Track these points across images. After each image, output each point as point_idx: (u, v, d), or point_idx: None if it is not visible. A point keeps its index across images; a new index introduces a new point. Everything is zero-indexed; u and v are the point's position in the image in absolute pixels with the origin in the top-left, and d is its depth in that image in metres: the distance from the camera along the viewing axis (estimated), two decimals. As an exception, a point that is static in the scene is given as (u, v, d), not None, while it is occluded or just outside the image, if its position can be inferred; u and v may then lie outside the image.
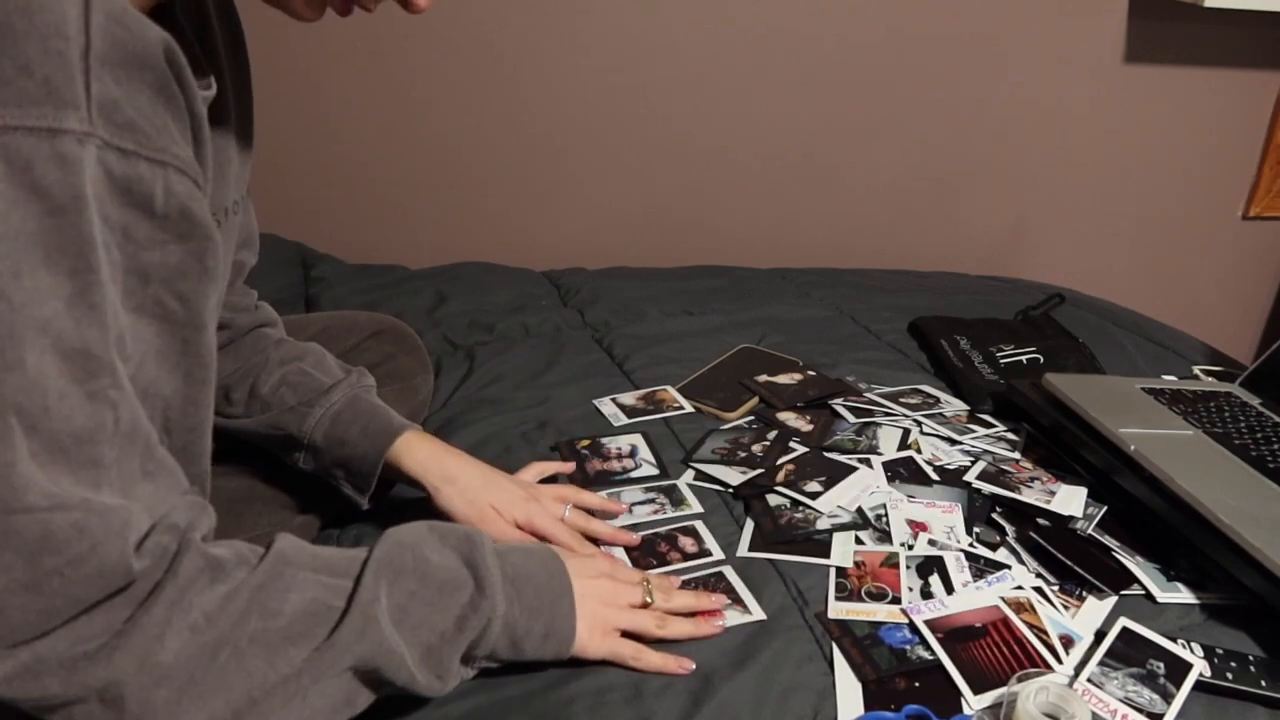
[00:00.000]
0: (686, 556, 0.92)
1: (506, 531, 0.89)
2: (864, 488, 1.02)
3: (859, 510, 0.99)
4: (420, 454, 0.91)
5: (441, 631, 0.68)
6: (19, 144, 0.48)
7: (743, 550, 0.94)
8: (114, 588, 0.55)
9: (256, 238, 0.95)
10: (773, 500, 1.01)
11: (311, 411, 0.92)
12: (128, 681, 0.55)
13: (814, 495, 1.01)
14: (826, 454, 1.09)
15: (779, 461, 1.07)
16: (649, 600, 0.81)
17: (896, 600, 0.87)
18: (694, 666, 0.78)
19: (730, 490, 1.03)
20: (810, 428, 1.15)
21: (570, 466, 1.05)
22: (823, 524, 0.97)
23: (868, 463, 1.07)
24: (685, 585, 0.88)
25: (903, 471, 1.06)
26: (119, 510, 0.55)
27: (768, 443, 1.11)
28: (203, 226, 0.62)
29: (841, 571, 0.91)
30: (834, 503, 1.00)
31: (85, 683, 0.54)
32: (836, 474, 1.05)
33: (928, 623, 0.83)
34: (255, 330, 0.98)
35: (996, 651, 0.81)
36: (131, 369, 0.59)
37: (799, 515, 0.98)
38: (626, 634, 0.79)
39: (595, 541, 0.93)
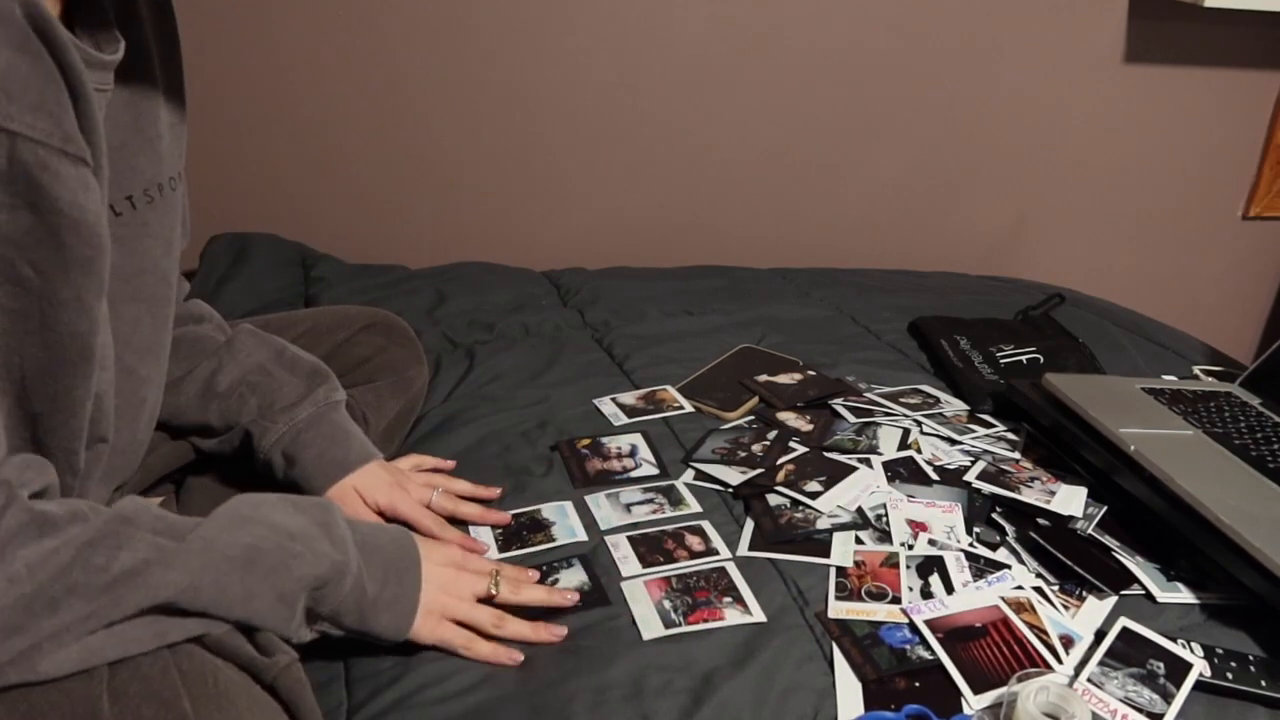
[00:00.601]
0: (693, 555, 0.92)
1: (364, 514, 0.90)
2: (864, 488, 1.02)
3: (859, 510, 0.99)
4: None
5: (295, 576, 0.69)
6: None
7: (743, 550, 0.94)
8: None
9: (188, 219, 0.92)
10: (773, 500, 1.01)
11: (274, 426, 0.92)
12: None
13: (814, 495, 1.01)
14: (826, 454, 1.09)
15: (779, 461, 1.07)
16: (494, 592, 0.81)
17: (896, 600, 0.87)
18: (521, 658, 0.78)
19: (730, 490, 1.03)
20: (810, 428, 1.15)
21: (451, 464, 1.04)
22: (823, 524, 0.97)
23: (868, 463, 1.07)
24: (684, 581, 0.88)
25: (903, 471, 1.06)
26: None
27: (768, 443, 1.11)
28: (53, 200, 0.60)
29: (841, 571, 0.91)
30: (834, 503, 1.00)
31: None
32: (836, 474, 1.05)
33: (928, 623, 0.83)
34: (185, 329, 0.96)
35: (996, 651, 0.81)
36: None
37: (799, 515, 0.98)
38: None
39: (463, 527, 0.94)
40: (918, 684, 0.78)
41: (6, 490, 0.60)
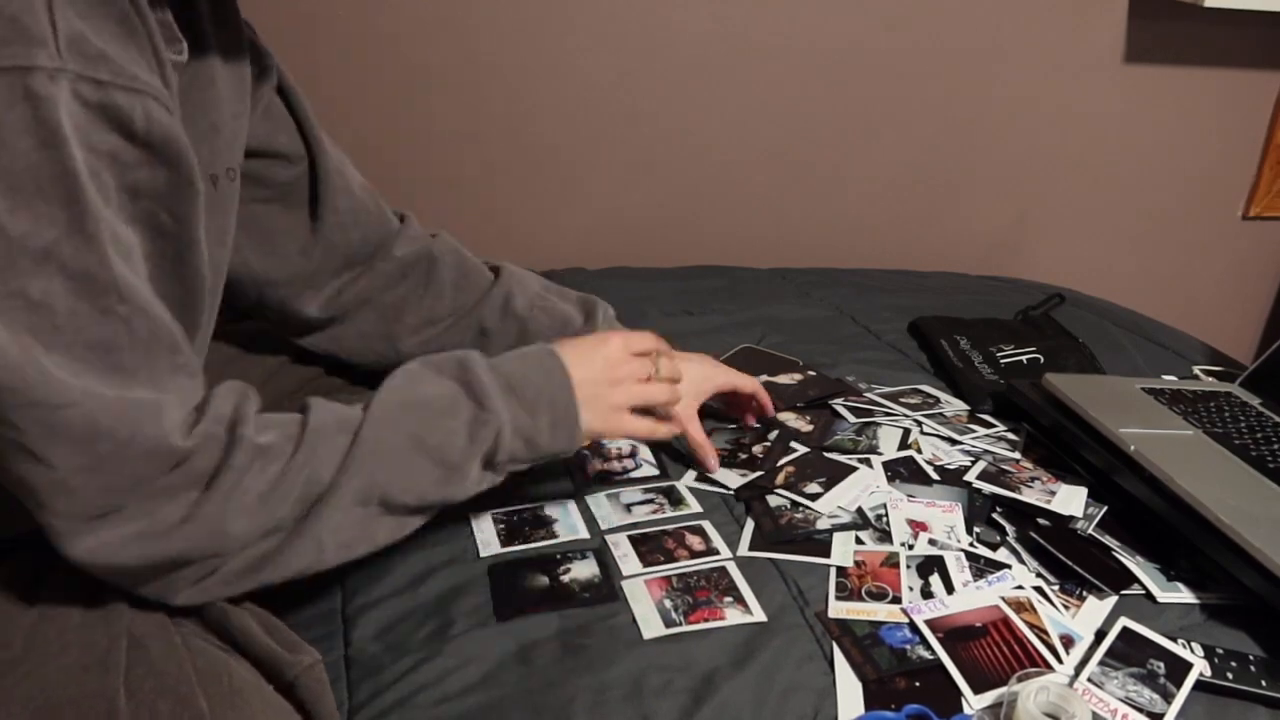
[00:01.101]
0: (694, 554, 0.92)
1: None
2: (864, 488, 1.02)
3: (859, 510, 0.99)
4: None
5: (459, 448, 0.75)
6: None
7: (743, 550, 0.94)
8: (166, 465, 0.62)
9: (349, 173, 1.02)
10: (773, 501, 1.01)
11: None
12: (195, 552, 0.64)
13: (814, 496, 1.01)
14: (826, 454, 1.09)
15: (779, 463, 1.07)
16: (655, 372, 0.87)
17: (897, 600, 0.87)
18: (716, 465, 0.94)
19: (732, 493, 1.03)
20: (810, 428, 1.15)
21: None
22: (823, 524, 0.97)
23: (868, 463, 1.07)
24: (684, 580, 0.88)
25: (903, 471, 1.06)
26: (153, 401, 0.61)
27: (768, 444, 1.11)
28: (185, 152, 0.64)
29: (842, 571, 0.91)
30: (834, 503, 1.00)
31: (162, 554, 0.63)
32: (836, 474, 1.05)
33: (928, 622, 0.84)
34: (438, 260, 1.04)
35: (997, 651, 0.81)
36: (141, 278, 0.63)
37: (799, 515, 0.98)
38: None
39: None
40: (918, 684, 0.78)
41: (230, 427, 0.66)
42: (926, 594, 0.88)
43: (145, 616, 0.66)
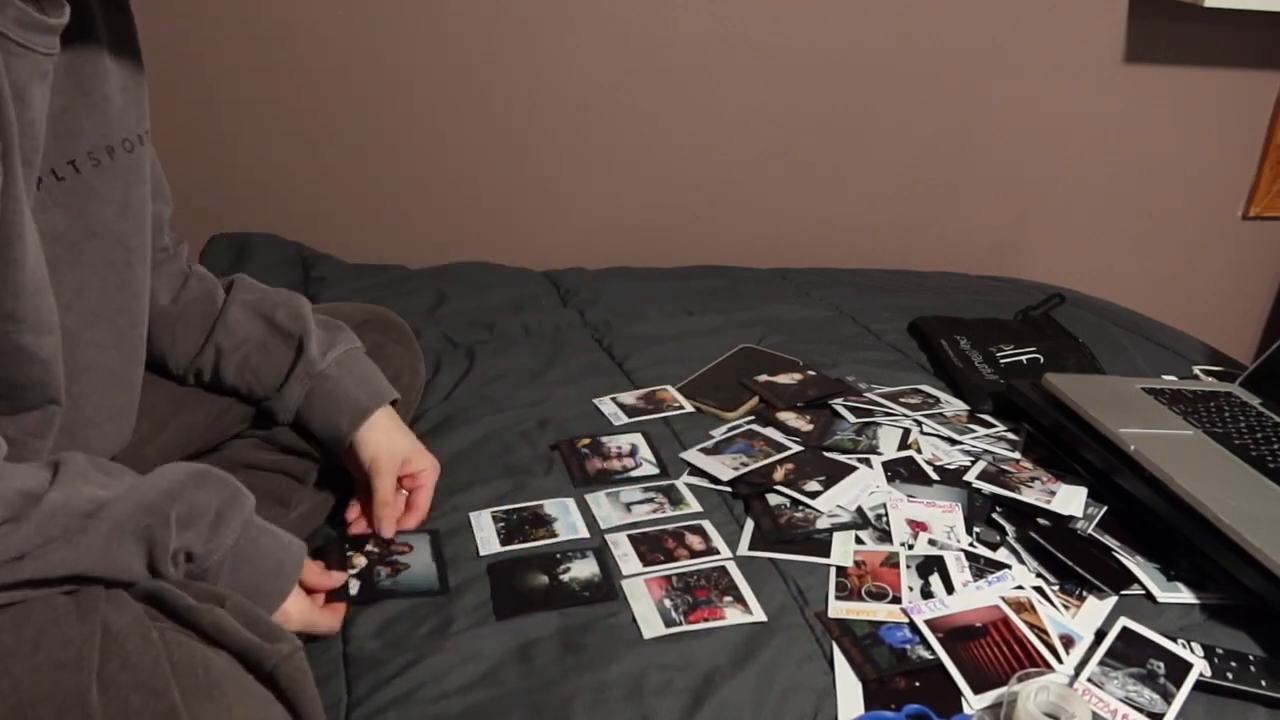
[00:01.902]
0: (694, 554, 0.92)
1: (387, 463, 0.95)
2: (864, 487, 1.02)
3: (859, 510, 0.99)
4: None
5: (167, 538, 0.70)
6: None
7: (743, 549, 0.94)
8: None
9: (165, 186, 0.94)
10: (773, 500, 1.01)
11: (280, 401, 0.96)
12: None
13: (814, 495, 1.01)
14: (826, 454, 1.09)
15: (777, 458, 1.07)
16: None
17: (897, 600, 0.87)
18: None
19: (729, 489, 1.03)
20: (810, 427, 1.15)
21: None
22: (822, 523, 0.97)
23: (867, 462, 1.07)
24: (684, 580, 0.88)
25: (903, 471, 1.06)
26: None
27: (764, 440, 1.11)
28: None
29: (842, 571, 0.91)
30: (834, 502, 1.00)
31: None
32: (836, 473, 1.05)
33: (928, 622, 0.83)
34: (198, 299, 0.98)
35: (997, 651, 0.81)
36: None
37: (799, 515, 0.98)
38: None
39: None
40: (918, 684, 0.78)
41: None
42: (926, 594, 0.88)
43: (121, 612, 0.66)
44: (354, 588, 0.88)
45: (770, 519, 0.98)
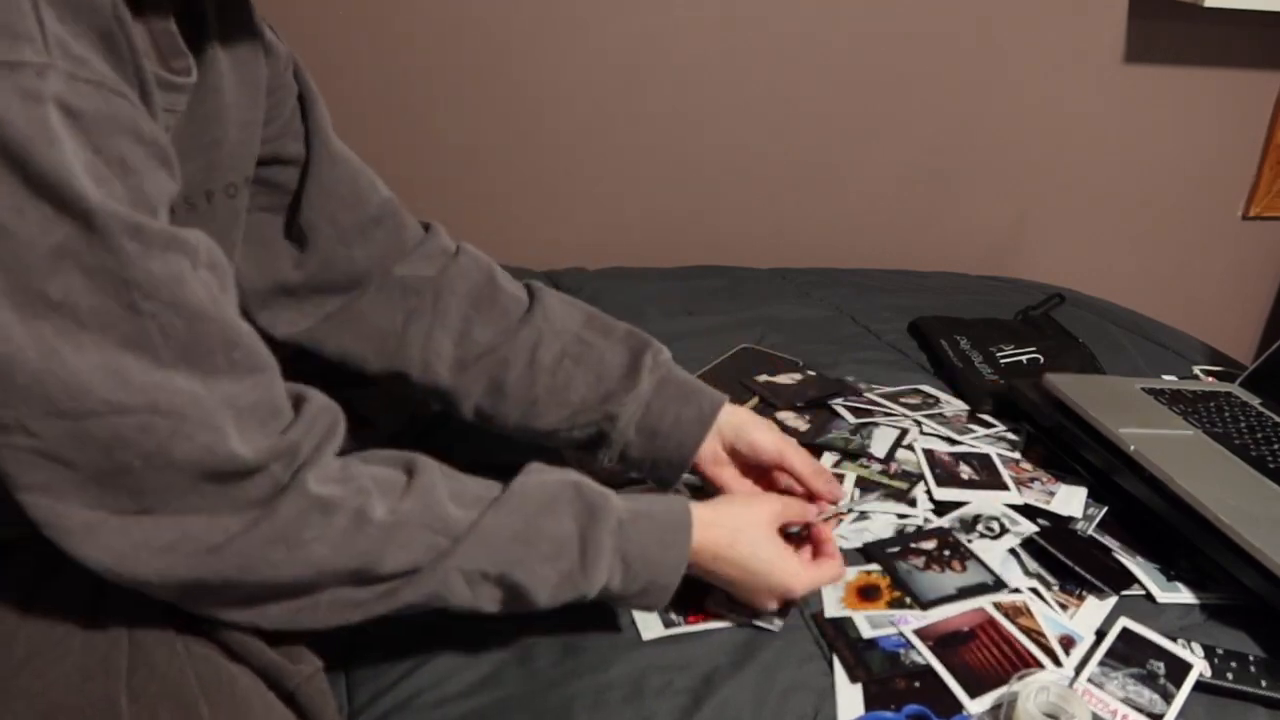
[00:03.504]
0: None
1: (731, 476, 0.91)
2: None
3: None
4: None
5: (540, 596, 0.70)
6: None
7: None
8: (209, 473, 0.58)
9: (362, 186, 0.92)
10: None
11: (622, 404, 0.87)
12: (223, 581, 0.60)
13: None
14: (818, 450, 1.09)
15: None
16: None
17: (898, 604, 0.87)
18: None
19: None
20: (807, 427, 1.15)
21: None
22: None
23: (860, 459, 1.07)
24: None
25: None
26: (192, 405, 0.57)
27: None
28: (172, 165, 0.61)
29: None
30: None
31: (190, 575, 0.59)
32: None
33: (917, 632, 0.83)
34: (445, 290, 0.91)
35: (987, 653, 0.81)
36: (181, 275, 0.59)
37: None
38: None
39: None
40: (918, 684, 0.78)
41: (289, 464, 0.61)
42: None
43: (146, 622, 0.66)
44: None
45: None
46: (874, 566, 0.91)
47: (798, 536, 0.87)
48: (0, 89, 0.49)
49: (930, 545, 0.94)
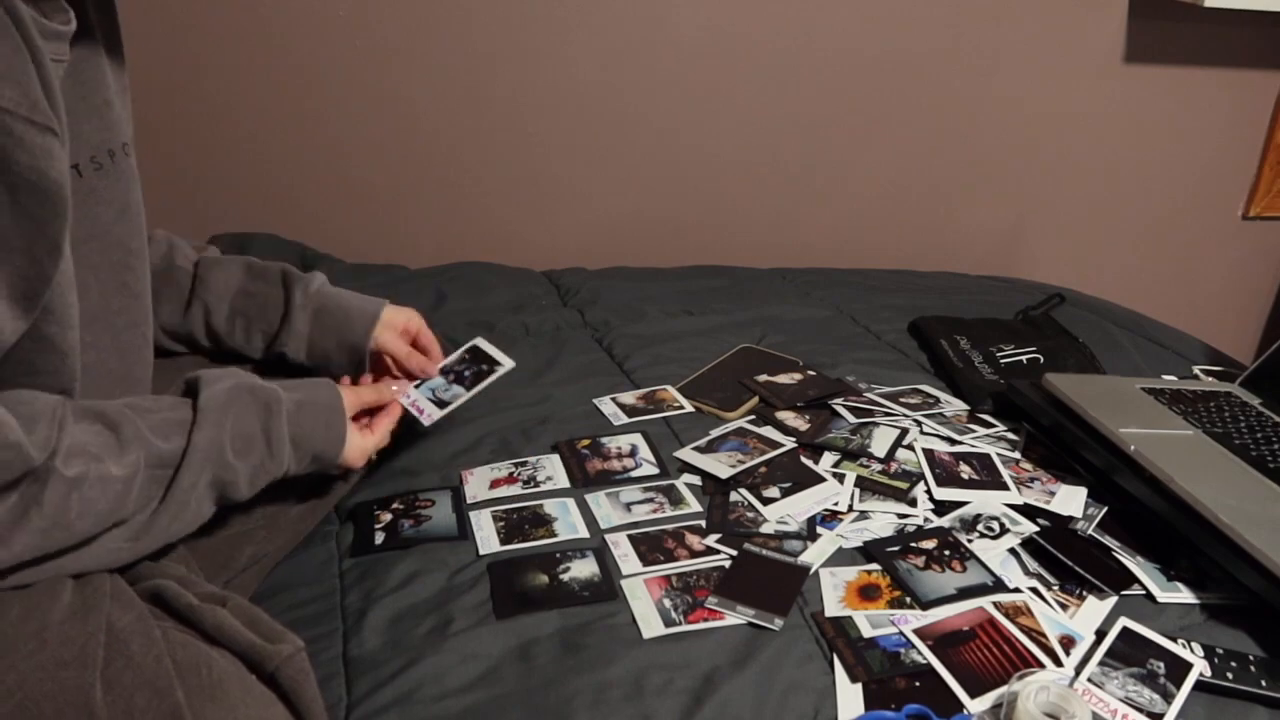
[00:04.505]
0: (694, 554, 0.92)
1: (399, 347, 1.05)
2: (819, 500, 1.01)
3: (808, 521, 0.98)
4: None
5: (239, 490, 0.79)
6: None
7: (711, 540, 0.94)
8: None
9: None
10: (734, 495, 1.01)
11: (285, 344, 1.02)
12: None
13: (767, 501, 1.01)
14: (804, 459, 1.09)
15: (767, 457, 1.08)
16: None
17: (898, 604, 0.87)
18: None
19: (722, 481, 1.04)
20: (807, 426, 1.15)
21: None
22: (766, 528, 0.97)
23: (841, 478, 1.06)
24: (684, 580, 0.88)
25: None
26: None
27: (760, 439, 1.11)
28: (12, 165, 0.62)
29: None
30: (782, 512, 0.99)
31: None
32: (803, 482, 1.04)
33: (916, 631, 0.83)
34: (169, 270, 1.02)
35: (987, 653, 0.81)
36: None
37: (750, 515, 0.98)
38: None
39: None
40: (918, 684, 0.78)
41: (44, 459, 0.65)
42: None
43: (125, 610, 0.66)
44: (379, 538, 0.95)
45: (721, 513, 0.98)
46: (874, 566, 0.91)
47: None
48: None
49: (930, 545, 0.94)
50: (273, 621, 0.70)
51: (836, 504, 1.01)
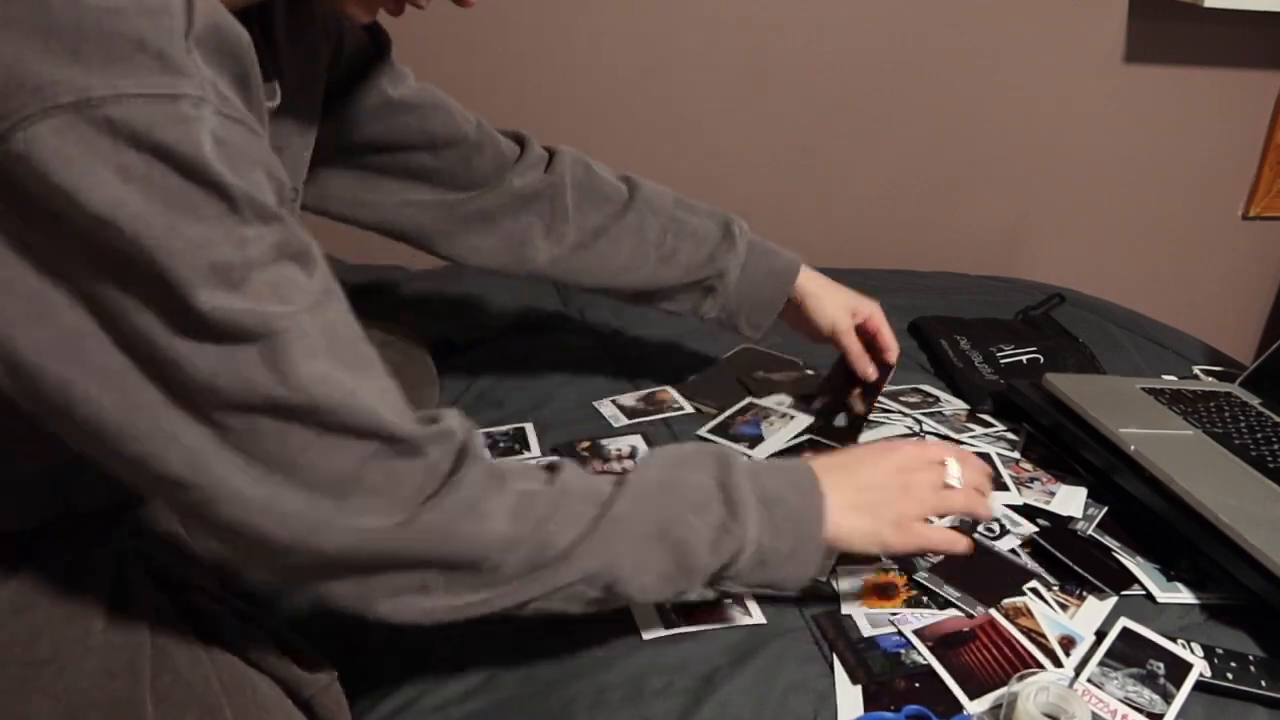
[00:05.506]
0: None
1: (824, 313, 1.15)
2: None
3: None
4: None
5: (700, 553, 0.70)
6: (140, 111, 0.49)
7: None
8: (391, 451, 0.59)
9: (462, 130, 1.06)
10: None
11: (726, 262, 1.09)
12: (407, 557, 0.61)
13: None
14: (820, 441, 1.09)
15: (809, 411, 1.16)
16: (950, 483, 0.80)
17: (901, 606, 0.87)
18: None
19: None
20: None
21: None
22: None
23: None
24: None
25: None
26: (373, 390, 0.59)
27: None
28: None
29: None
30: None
31: (383, 551, 0.59)
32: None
33: (916, 632, 0.83)
34: (557, 190, 1.08)
35: (987, 654, 0.81)
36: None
37: None
38: None
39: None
40: (918, 685, 0.78)
41: (463, 445, 0.63)
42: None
43: (167, 626, 0.66)
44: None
45: None
46: (890, 564, 0.92)
47: None
48: (166, 114, 0.50)
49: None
50: (308, 649, 0.70)
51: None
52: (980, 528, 0.97)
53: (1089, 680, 0.78)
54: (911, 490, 0.78)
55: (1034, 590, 0.89)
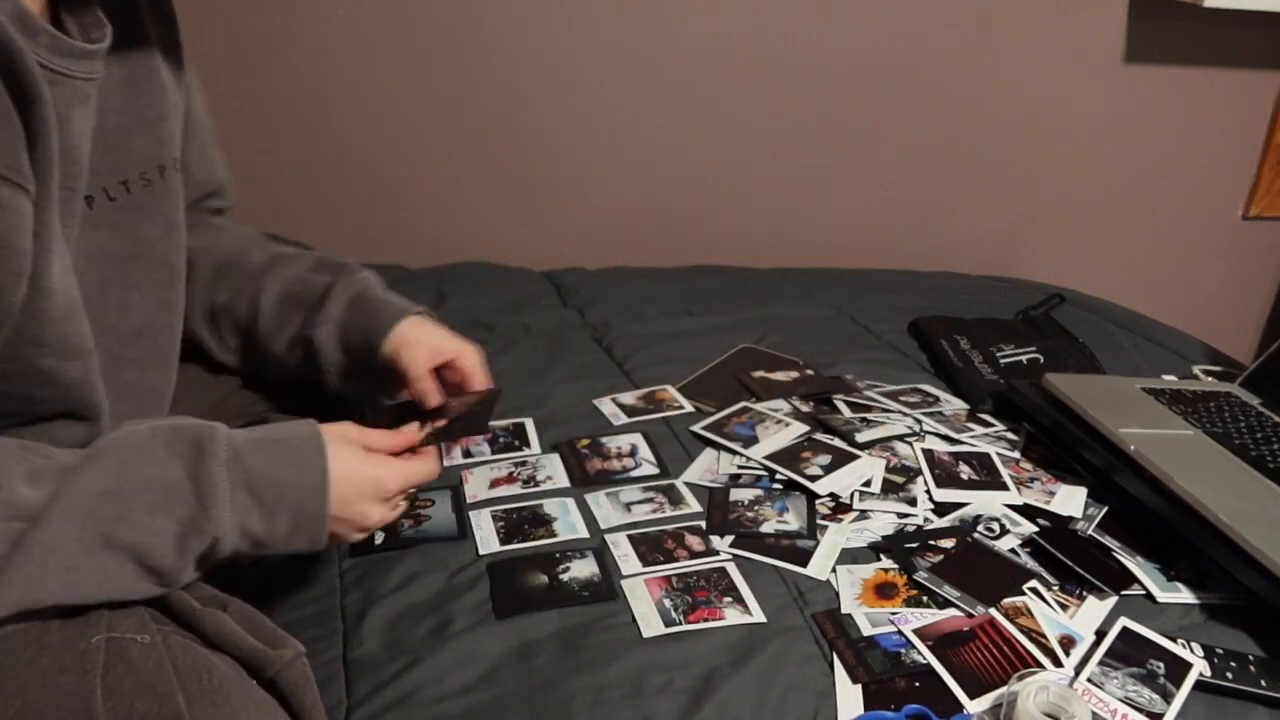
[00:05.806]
0: (693, 554, 0.92)
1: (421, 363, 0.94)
2: (859, 475, 1.03)
3: (806, 520, 0.98)
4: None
5: (165, 555, 0.66)
6: None
7: (721, 546, 0.94)
8: None
9: (219, 180, 0.98)
10: (734, 495, 1.02)
11: (314, 326, 0.95)
12: None
13: (814, 478, 1.02)
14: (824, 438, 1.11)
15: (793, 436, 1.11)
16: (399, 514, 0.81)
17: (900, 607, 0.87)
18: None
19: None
20: (808, 409, 1.17)
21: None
22: (767, 528, 0.97)
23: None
24: (684, 580, 0.88)
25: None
26: None
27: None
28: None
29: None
30: (830, 487, 1.01)
31: None
32: (838, 459, 1.06)
33: (916, 631, 0.83)
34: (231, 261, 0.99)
35: (987, 653, 0.81)
36: None
37: (750, 514, 0.99)
38: None
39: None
40: (918, 684, 0.78)
41: None
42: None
43: (125, 616, 0.66)
44: (379, 539, 0.93)
45: (721, 511, 0.99)
46: (890, 564, 0.92)
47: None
48: None
49: (949, 544, 0.94)
50: (274, 625, 0.69)
51: (869, 482, 1.03)
52: (980, 527, 0.97)
53: (1089, 680, 0.78)
54: (383, 505, 0.77)
55: (1034, 590, 0.89)
